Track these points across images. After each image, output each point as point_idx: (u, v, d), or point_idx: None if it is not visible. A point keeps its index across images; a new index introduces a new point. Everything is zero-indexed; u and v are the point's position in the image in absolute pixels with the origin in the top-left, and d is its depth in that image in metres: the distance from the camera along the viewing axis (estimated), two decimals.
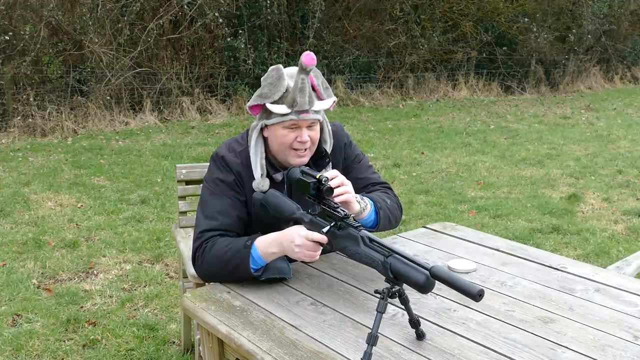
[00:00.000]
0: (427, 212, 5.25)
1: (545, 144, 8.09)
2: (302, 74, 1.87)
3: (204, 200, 2.00)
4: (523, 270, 2.04)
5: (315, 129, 1.99)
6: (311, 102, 1.91)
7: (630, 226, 4.90)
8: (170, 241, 4.46)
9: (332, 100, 1.98)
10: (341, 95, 11.14)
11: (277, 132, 1.96)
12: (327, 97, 1.98)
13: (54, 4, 8.54)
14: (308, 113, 1.92)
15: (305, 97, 1.89)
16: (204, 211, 1.98)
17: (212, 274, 1.94)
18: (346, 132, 2.22)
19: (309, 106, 1.91)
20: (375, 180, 2.20)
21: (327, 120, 2.08)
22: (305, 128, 1.95)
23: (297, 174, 1.85)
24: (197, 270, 1.97)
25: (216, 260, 1.88)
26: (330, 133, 2.09)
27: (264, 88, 1.94)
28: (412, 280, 1.51)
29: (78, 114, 8.74)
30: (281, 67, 1.95)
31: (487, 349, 1.54)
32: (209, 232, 1.94)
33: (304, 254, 1.81)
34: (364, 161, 2.23)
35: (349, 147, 2.19)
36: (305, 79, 1.87)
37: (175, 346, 3.10)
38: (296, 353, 1.52)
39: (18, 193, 5.59)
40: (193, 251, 1.96)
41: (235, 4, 9.86)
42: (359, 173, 2.17)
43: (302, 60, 1.85)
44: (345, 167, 2.16)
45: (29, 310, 3.41)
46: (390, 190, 2.21)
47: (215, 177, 2.00)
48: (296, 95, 1.88)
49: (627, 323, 1.67)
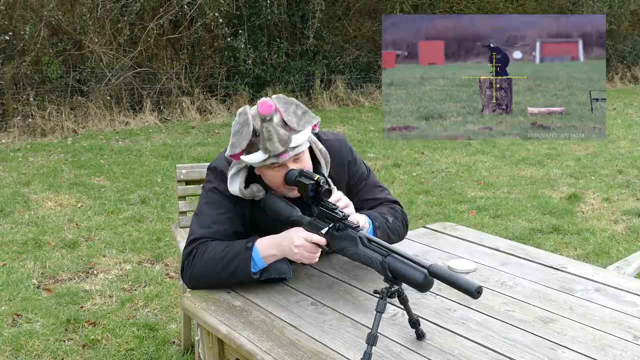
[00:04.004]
0: (427, 212, 5.25)
1: (545, 144, 8.09)
2: (265, 123, 1.77)
3: (201, 209, 1.95)
4: (523, 270, 2.04)
5: (302, 159, 1.88)
6: (285, 142, 1.79)
7: (630, 226, 4.90)
8: (170, 241, 4.46)
9: (309, 128, 1.86)
10: (341, 95, 11.14)
11: (265, 172, 1.89)
12: (303, 126, 1.84)
13: (54, 4, 8.54)
14: (286, 153, 1.81)
15: (275, 143, 1.78)
16: (200, 220, 1.93)
17: (205, 278, 1.86)
18: (349, 148, 2.09)
19: (283, 147, 1.79)
20: (386, 198, 2.10)
21: (316, 141, 1.96)
22: (290, 163, 1.85)
23: (295, 176, 1.84)
24: (185, 278, 1.89)
25: (212, 262, 1.83)
26: (323, 154, 1.97)
27: (233, 137, 1.83)
28: (410, 279, 1.51)
29: (78, 114, 8.74)
30: (247, 110, 1.83)
31: (487, 349, 1.54)
32: (201, 240, 1.88)
33: (303, 255, 1.80)
34: (370, 179, 2.11)
35: (353, 165, 2.07)
36: (269, 126, 1.77)
37: (175, 346, 3.10)
38: (296, 353, 1.52)
39: (18, 193, 5.59)
40: (183, 259, 1.89)
41: (235, 4, 9.86)
42: (366, 194, 2.07)
43: (259, 110, 1.77)
44: (350, 187, 2.07)
45: (29, 310, 3.41)
46: (398, 206, 2.11)
47: (214, 187, 1.95)
48: (266, 145, 1.78)
49: (627, 323, 1.67)
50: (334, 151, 2.01)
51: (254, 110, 1.83)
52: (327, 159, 1.97)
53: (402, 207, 2.15)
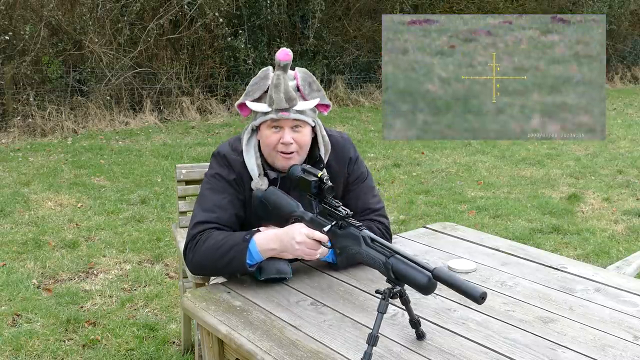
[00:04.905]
0: (427, 212, 5.25)
1: (545, 144, 8.09)
2: (278, 70, 1.83)
3: (203, 194, 1.99)
4: (523, 270, 2.04)
5: (302, 131, 1.91)
6: (290, 100, 1.84)
7: (630, 226, 4.90)
8: (170, 241, 4.46)
9: (316, 101, 1.90)
10: (341, 95, 11.14)
11: (263, 132, 1.93)
12: (311, 98, 1.90)
13: (54, 4, 8.54)
14: (288, 112, 1.85)
15: (281, 93, 1.82)
16: (202, 204, 1.96)
17: (205, 266, 1.90)
18: (353, 147, 2.12)
19: (286, 104, 1.84)
20: (373, 207, 2.09)
21: (321, 126, 2.00)
22: (288, 129, 1.89)
23: (298, 172, 1.85)
24: (188, 262, 1.94)
25: (211, 252, 1.86)
26: (326, 140, 2.00)
27: (249, 87, 1.91)
28: (414, 282, 1.50)
29: (78, 114, 8.74)
30: (270, 68, 1.91)
31: (487, 349, 1.54)
32: (204, 224, 1.91)
33: (304, 251, 1.81)
34: (367, 182, 2.13)
35: (354, 163, 2.09)
36: (280, 75, 1.82)
37: (175, 346, 3.10)
38: (296, 353, 1.52)
39: (18, 193, 5.59)
40: (186, 242, 1.93)
41: (235, 4, 9.86)
42: (358, 195, 2.08)
43: (277, 56, 1.82)
44: (347, 185, 2.08)
45: (29, 310, 3.41)
46: (383, 219, 2.10)
47: (216, 173, 1.99)
48: (272, 93, 1.82)
49: (627, 323, 1.67)
50: (338, 146, 2.05)
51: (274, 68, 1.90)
52: (328, 148, 2.01)
53: (388, 220, 2.15)
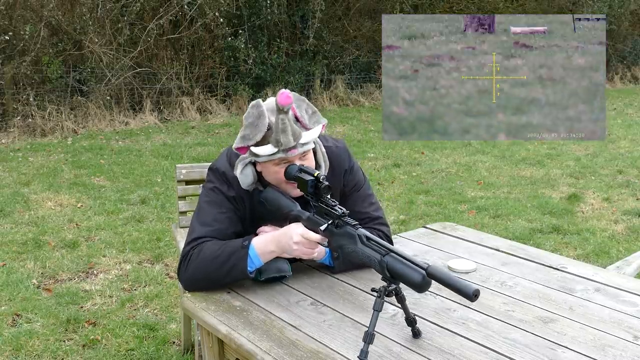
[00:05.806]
0: (427, 212, 5.25)
1: (545, 144, 8.09)
2: (281, 115, 1.78)
3: (201, 207, 1.96)
4: (523, 270, 2.04)
5: (308, 157, 1.90)
6: (296, 137, 1.81)
7: (630, 226, 4.90)
8: (170, 241, 4.46)
9: (320, 127, 1.88)
10: (341, 95, 11.14)
11: (269, 169, 1.89)
12: (313, 125, 1.87)
13: (54, 4, 8.53)
14: (296, 149, 1.82)
15: (289, 135, 1.79)
16: (200, 217, 1.93)
17: (200, 279, 1.85)
18: (349, 155, 2.09)
19: (295, 142, 1.81)
20: (371, 215, 2.07)
21: (320, 143, 1.98)
22: (297, 160, 1.86)
23: (295, 171, 1.85)
24: (182, 278, 1.89)
25: (207, 263, 1.83)
26: (325, 157, 1.98)
27: (246, 129, 1.83)
28: (408, 279, 1.51)
29: (78, 114, 8.74)
30: (260, 102, 1.85)
31: (487, 349, 1.54)
32: (201, 239, 1.88)
33: (301, 251, 1.81)
34: (363, 190, 2.10)
35: (349, 173, 2.06)
36: (285, 118, 1.78)
37: (175, 346, 3.10)
38: (296, 353, 1.53)
39: (18, 193, 5.59)
40: (180, 259, 1.90)
41: (235, 4, 9.86)
42: (354, 204, 2.04)
43: (278, 100, 1.77)
44: (343, 195, 2.06)
45: (29, 310, 3.41)
46: (384, 227, 2.08)
47: (215, 187, 1.95)
48: (279, 136, 1.78)
49: (627, 323, 1.67)
50: (334, 158, 2.02)
51: (267, 103, 1.85)
52: (327, 164, 1.99)
53: (389, 228, 2.12)
